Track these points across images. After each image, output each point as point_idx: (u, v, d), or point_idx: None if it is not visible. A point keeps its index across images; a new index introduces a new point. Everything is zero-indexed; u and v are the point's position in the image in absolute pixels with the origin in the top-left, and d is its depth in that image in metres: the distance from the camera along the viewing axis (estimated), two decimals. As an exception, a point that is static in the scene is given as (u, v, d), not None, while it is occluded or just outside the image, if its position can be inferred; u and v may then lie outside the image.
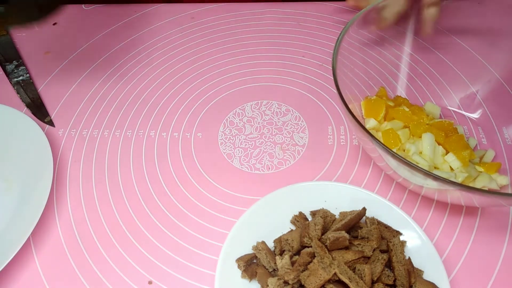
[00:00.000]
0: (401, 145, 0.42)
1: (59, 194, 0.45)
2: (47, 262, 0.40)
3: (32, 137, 0.47)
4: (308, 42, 0.57)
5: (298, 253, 0.37)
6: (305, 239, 0.36)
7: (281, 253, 0.37)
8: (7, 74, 0.57)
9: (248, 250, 0.38)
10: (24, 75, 0.57)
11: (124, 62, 0.57)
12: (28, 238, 0.41)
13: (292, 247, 0.37)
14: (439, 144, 0.42)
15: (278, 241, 0.38)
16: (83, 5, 0.67)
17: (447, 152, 0.42)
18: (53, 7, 0.43)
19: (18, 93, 0.54)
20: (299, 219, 0.39)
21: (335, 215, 0.39)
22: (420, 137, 0.43)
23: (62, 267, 0.40)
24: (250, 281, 0.36)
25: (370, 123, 0.44)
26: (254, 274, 0.36)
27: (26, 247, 0.41)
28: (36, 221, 0.40)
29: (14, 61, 0.58)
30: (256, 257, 0.38)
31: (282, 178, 0.45)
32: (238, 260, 0.37)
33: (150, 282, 0.38)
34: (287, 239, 0.37)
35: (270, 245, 0.38)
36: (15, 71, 0.57)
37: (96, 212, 0.43)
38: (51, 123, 0.51)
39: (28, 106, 0.53)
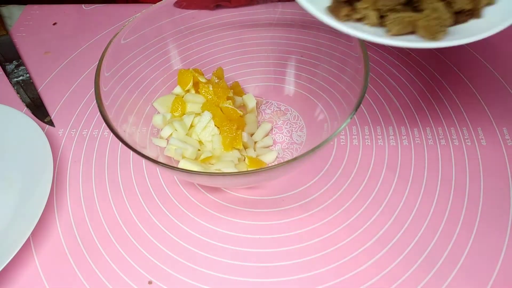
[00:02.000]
0: (183, 114, 0.47)
1: (59, 194, 0.45)
2: (47, 262, 0.40)
3: (32, 137, 0.47)
4: (305, 42, 0.56)
5: None
6: None
7: None
8: (7, 74, 0.57)
9: None
10: (24, 75, 0.57)
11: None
12: (28, 238, 0.41)
13: None
14: (216, 125, 0.45)
15: None
16: (83, 5, 0.67)
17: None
18: None
19: (18, 93, 0.54)
20: None
21: None
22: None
23: (62, 267, 0.40)
24: None
25: (175, 90, 0.49)
26: None
27: (26, 247, 0.41)
28: (36, 221, 0.40)
29: (14, 61, 0.58)
30: None
31: (281, 178, 0.45)
32: None
33: (150, 282, 0.38)
34: None
35: None
36: (15, 71, 0.57)
37: (96, 212, 0.43)
38: (51, 123, 0.51)
39: (28, 106, 0.53)
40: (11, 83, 0.56)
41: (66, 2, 0.67)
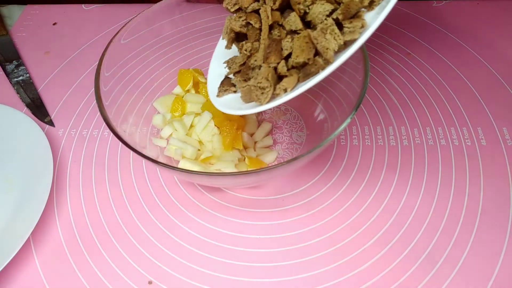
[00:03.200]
0: (184, 114, 0.47)
1: (59, 194, 0.45)
2: (47, 262, 0.40)
3: (32, 137, 0.47)
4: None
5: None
6: None
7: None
8: (7, 74, 0.57)
9: None
10: (24, 75, 0.57)
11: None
12: (28, 238, 0.41)
13: None
14: (216, 125, 0.45)
15: None
16: (83, 5, 0.67)
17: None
18: None
19: (18, 93, 0.54)
20: None
21: None
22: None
23: (62, 267, 0.40)
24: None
25: (175, 90, 0.50)
26: None
27: (26, 247, 0.41)
28: (36, 221, 0.40)
29: (14, 61, 0.58)
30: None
31: (281, 178, 0.45)
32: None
33: (150, 282, 0.39)
34: None
35: None
36: (15, 71, 0.57)
37: (96, 212, 0.43)
38: (51, 123, 0.51)
39: (28, 106, 0.53)
40: (11, 83, 0.56)
41: (66, 2, 0.67)
